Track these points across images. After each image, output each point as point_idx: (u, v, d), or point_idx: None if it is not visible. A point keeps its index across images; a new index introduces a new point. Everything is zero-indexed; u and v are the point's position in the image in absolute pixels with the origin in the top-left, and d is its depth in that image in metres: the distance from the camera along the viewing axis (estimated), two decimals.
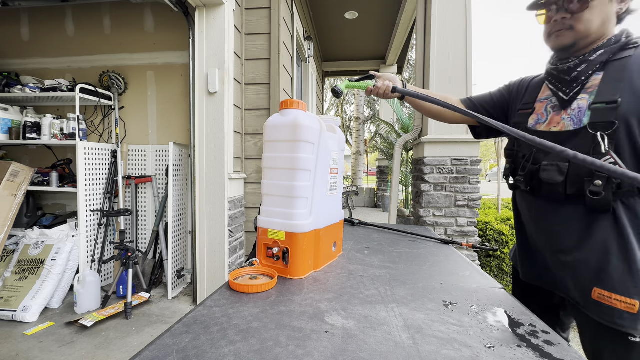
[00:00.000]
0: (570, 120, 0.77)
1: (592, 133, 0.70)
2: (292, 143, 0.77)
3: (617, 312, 0.68)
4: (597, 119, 0.71)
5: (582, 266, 0.75)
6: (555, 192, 0.77)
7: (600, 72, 0.75)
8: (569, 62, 0.79)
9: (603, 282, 0.71)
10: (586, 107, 0.74)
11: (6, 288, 2.18)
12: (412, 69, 11.67)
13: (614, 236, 0.71)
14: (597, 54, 0.75)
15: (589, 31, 0.75)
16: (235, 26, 2.38)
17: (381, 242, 1.19)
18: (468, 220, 2.63)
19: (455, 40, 2.62)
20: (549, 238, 0.82)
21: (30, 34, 2.96)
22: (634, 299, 0.66)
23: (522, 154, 0.87)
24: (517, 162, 0.88)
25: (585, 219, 0.74)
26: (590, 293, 0.73)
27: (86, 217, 2.43)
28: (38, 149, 2.97)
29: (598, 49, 0.75)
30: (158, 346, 0.48)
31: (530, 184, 0.84)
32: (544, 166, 0.79)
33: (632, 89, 0.68)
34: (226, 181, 2.25)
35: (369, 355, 0.47)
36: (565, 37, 0.77)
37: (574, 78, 0.78)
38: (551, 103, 0.83)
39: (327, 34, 5.11)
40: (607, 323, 0.70)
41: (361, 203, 8.62)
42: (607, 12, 0.74)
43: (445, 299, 0.67)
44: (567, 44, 0.78)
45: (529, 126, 0.86)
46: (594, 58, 0.75)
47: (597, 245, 0.72)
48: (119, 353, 1.76)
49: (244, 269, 0.79)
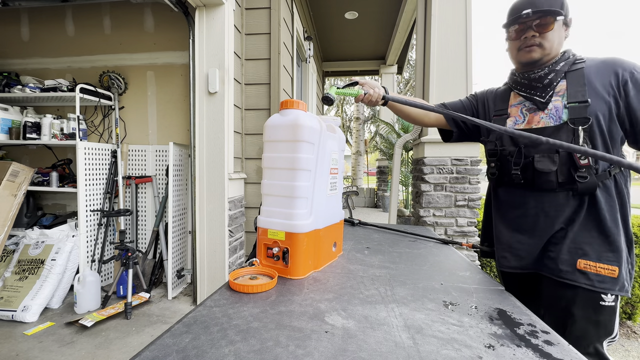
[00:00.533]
0: (549, 118, 0.92)
1: (572, 127, 0.86)
2: (292, 143, 0.77)
3: (601, 277, 0.83)
4: (574, 115, 0.86)
5: (571, 243, 0.88)
6: (549, 181, 0.90)
7: (563, 80, 0.92)
8: (538, 72, 0.94)
9: (588, 255, 0.85)
10: (562, 107, 0.90)
11: (6, 288, 2.18)
12: (412, 69, 11.67)
13: (595, 214, 0.86)
14: (560, 65, 0.92)
15: (551, 49, 0.92)
16: (235, 26, 2.38)
17: (381, 242, 1.19)
18: (468, 220, 2.63)
19: (456, 40, 2.62)
20: (542, 223, 0.93)
21: (31, 34, 2.96)
22: (614, 266, 0.83)
23: (508, 151, 0.99)
24: (504, 159, 1.00)
25: (574, 202, 0.88)
26: (576, 264, 0.86)
27: (86, 217, 2.43)
28: (38, 149, 2.97)
29: (559, 61, 0.92)
30: (158, 346, 0.48)
31: (524, 176, 0.95)
32: (537, 158, 0.91)
33: (595, 92, 0.86)
34: (226, 181, 2.25)
35: (369, 355, 0.47)
36: (536, 53, 0.93)
37: (546, 84, 0.93)
38: (525, 106, 0.98)
39: (327, 34, 5.11)
40: (592, 287, 0.83)
41: (361, 203, 8.62)
42: (561, 35, 0.92)
43: (445, 299, 0.67)
44: (536, 58, 0.93)
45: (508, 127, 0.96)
46: (558, 68, 0.92)
47: (583, 224, 0.87)
48: (119, 353, 1.76)
49: (244, 269, 0.79)
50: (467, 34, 2.61)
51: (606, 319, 0.84)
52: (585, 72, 0.89)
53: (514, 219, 1.00)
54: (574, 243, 0.87)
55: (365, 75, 7.62)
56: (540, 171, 0.90)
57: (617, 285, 0.83)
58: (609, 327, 0.84)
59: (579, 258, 0.86)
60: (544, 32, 0.90)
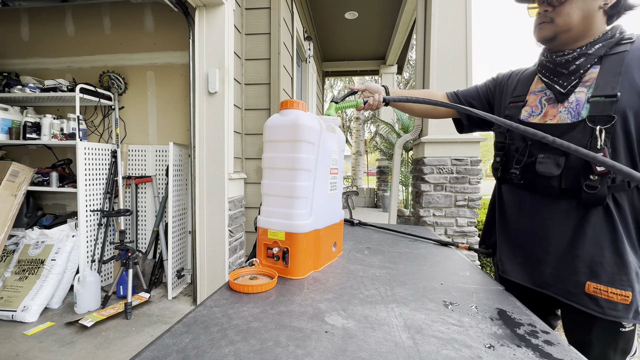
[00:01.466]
0: (567, 113, 0.77)
1: (590, 126, 0.71)
2: (292, 143, 0.77)
3: (613, 304, 0.71)
4: (595, 112, 0.71)
5: (576, 260, 0.76)
6: (550, 186, 0.78)
7: (597, 66, 0.75)
8: (566, 55, 0.79)
9: (598, 276, 0.73)
10: (584, 100, 0.74)
11: (6, 288, 2.18)
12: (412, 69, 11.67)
13: (606, 230, 0.73)
14: (595, 47, 0.75)
15: (568, 25, 0.76)
16: (235, 26, 2.38)
17: (381, 242, 1.19)
18: (468, 220, 2.63)
19: (456, 40, 2.62)
20: (542, 233, 0.82)
21: (31, 34, 2.96)
22: (627, 291, 0.70)
23: (515, 147, 0.87)
24: (509, 155, 0.89)
25: (578, 214, 0.75)
26: (584, 287, 0.74)
27: (86, 217, 2.43)
28: (38, 149, 2.97)
29: (595, 42, 0.75)
30: (158, 346, 0.48)
31: (524, 177, 0.84)
32: (540, 159, 0.79)
33: (630, 84, 0.70)
34: (226, 181, 2.25)
35: (369, 355, 0.47)
36: (546, 30, 0.79)
37: (572, 71, 0.78)
38: (545, 96, 0.83)
39: (327, 34, 5.11)
40: (603, 315, 0.72)
41: (361, 203, 8.63)
42: (588, 7, 0.74)
43: (445, 299, 0.67)
44: (547, 36, 0.80)
45: (522, 118, 0.86)
46: (592, 51, 0.75)
47: (590, 240, 0.74)
48: (119, 353, 1.76)
49: (244, 269, 0.79)
50: (467, 34, 2.61)
51: (626, 343, 0.75)
52: (629, 57, 0.71)
53: (513, 222, 0.90)
54: (581, 261, 0.75)
55: (365, 75, 7.63)
56: (540, 174, 0.79)
57: (631, 312, 0.70)
58: (628, 348, 0.76)
59: (587, 280, 0.73)
60: (557, 5, 0.76)
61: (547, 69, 0.84)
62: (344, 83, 14.90)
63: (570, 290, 0.76)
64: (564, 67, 0.79)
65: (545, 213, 0.81)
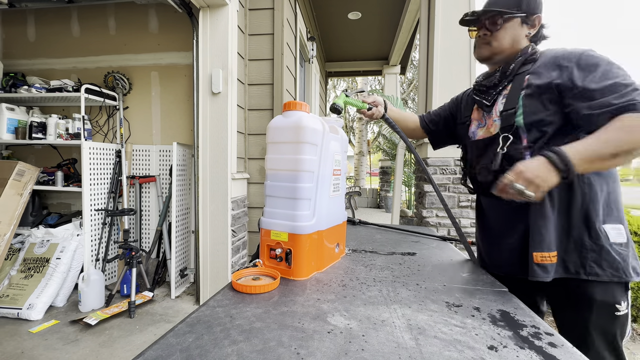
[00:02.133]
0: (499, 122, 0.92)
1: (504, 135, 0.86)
2: (295, 145, 0.78)
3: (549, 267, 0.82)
4: (504, 124, 0.86)
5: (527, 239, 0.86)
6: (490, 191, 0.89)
7: (510, 83, 0.90)
8: (491, 78, 0.95)
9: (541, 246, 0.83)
10: (498, 114, 0.91)
11: (12, 286, 2.20)
12: (415, 69, 11.63)
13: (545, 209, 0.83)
14: (510, 67, 0.91)
15: (501, 47, 0.91)
16: (238, 27, 2.39)
17: (384, 242, 1.19)
18: (471, 221, 2.62)
19: (459, 41, 2.61)
20: (500, 229, 0.95)
21: (37, 35, 2.99)
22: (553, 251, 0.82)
23: (467, 160, 1.06)
24: (466, 168, 1.08)
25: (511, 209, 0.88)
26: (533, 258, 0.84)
27: (91, 216, 2.45)
28: (44, 148, 3.00)
29: (511, 63, 0.91)
30: (162, 345, 0.48)
31: (475, 186, 1.04)
32: (477, 170, 0.97)
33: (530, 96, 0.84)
34: (229, 181, 2.26)
35: (372, 355, 0.47)
36: (484, 50, 0.95)
37: (493, 85, 0.94)
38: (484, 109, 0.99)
39: (330, 34, 5.10)
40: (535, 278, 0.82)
41: (364, 203, 8.61)
42: (517, 34, 0.90)
43: (448, 300, 0.67)
44: (485, 55, 0.96)
45: (471, 132, 1.02)
46: (509, 69, 0.91)
47: (533, 221, 0.84)
48: (122, 351, 1.77)
49: (247, 270, 0.80)
50: None
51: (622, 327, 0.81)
52: (534, 69, 0.85)
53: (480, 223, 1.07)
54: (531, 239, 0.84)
55: (368, 75, 7.61)
56: (479, 182, 0.97)
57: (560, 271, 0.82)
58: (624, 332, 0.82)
59: (533, 251, 0.83)
60: (494, 30, 0.91)
61: (477, 89, 1.01)
62: (347, 83, 14.90)
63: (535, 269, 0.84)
64: (488, 86, 0.96)
65: (495, 213, 0.97)
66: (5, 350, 1.77)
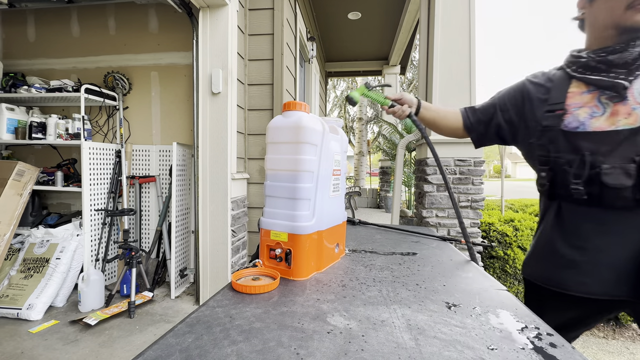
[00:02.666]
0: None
1: None
2: (295, 145, 0.78)
3: None
4: None
5: None
6: (622, 198, 0.72)
7: None
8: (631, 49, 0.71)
9: None
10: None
11: (12, 286, 2.20)
12: (415, 70, 11.64)
13: None
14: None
15: None
16: (238, 27, 2.39)
17: (383, 243, 1.19)
18: (471, 221, 2.62)
19: (459, 41, 2.61)
20: (617, 247, 0.76)
21: (36, 35, 3.00)
22: None
23: (565, 159, 0.79)
24: (558, 169, 0.80)
25: None
26: None
27: (90, 216, 2.45)
28: (43, 148, 3.00)
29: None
30: (161, 346, 0.48)
31: (589, 191, 0.75)
32: (606, 170, 0.73)
33: None
34: (229, 181, 2.26)
35: (371, 356, 0.47)
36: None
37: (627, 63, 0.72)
38: (605, 94, 0.76)
39: (330, 34, 5.11)
40: None
41: (364, 203, 8.61)
42: None
43: (447, 300, 0.67)
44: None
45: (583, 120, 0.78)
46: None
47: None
48: (122, 352, 1.77)
49: (247, 270, 0.80)
50: (471, 34, 2.60)
51: None
52: None
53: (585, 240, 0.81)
54: None
55: (368, 75, 7.61)
56: (610, 186, 0.72)
57: None
58: None
59: None
60: None
61: (596, 69, 0.77)
62: (347, 84, 14.90)
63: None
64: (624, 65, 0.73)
65: (617, 227, 0.76)
66: (5, 350, 1.77)
